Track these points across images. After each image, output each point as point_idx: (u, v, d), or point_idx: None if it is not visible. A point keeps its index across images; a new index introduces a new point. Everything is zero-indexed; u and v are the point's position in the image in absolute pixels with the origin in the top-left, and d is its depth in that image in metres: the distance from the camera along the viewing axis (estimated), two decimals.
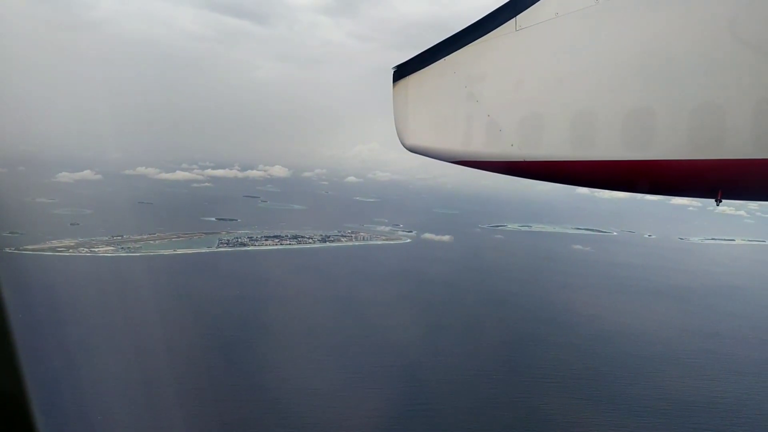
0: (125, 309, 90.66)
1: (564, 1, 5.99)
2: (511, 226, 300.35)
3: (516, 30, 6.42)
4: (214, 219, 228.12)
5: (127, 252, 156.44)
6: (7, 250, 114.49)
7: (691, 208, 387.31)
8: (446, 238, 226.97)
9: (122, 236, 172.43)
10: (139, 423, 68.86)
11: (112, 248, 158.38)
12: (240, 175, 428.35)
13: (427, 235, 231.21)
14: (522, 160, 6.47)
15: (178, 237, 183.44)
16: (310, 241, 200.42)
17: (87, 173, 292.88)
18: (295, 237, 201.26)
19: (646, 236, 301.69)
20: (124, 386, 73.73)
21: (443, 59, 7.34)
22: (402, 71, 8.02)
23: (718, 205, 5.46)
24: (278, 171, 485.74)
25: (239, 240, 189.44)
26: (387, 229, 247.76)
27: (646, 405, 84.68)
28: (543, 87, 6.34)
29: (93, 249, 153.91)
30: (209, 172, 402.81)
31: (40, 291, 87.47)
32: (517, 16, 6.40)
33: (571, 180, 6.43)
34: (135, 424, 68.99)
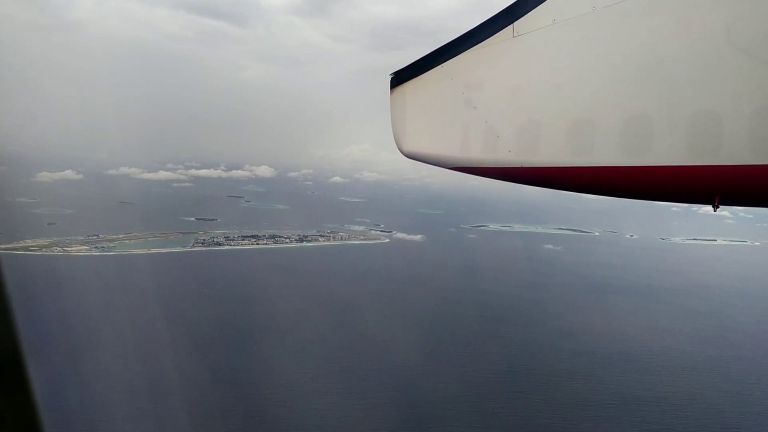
0: (84, 307, 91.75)
1: (561, 7, 6.01)
2: (493, 227, 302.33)
3: (513, 36, 6.45)
4: (193, 219, 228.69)
5: (100, 251, 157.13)
6: None
7: (674, 209, 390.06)
8: (417, 237, 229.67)
9: (98, 236, 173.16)
10: (100, 421, 69.94)
11: (86, 247, 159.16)
12: (224, 175, 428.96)
13: (400, 235, 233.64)
14: (519, 166, 6.47)
15: (155, 237, 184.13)
16: (287, 241, 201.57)
17: (68, 173, 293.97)
18: (272, 237, 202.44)
19: (628, 236, 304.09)
20: (80, 383, 74.71)
21: (441, 66, 7.32)
22: (399, 78, 7.99)
23: (715, 210, 5.35)
24: (264, 171, 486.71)
25: (215, 240, 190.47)
26: (367, 229, 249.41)
27: (593, 399, 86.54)
28: (540, 93, 6.35)
29: (66, 248, 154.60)
30: (193, 172, 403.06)
31: None
32: (515, 23, 6.43)
33: (568, 186, 6.43)
34: (96, 423, 69.97)
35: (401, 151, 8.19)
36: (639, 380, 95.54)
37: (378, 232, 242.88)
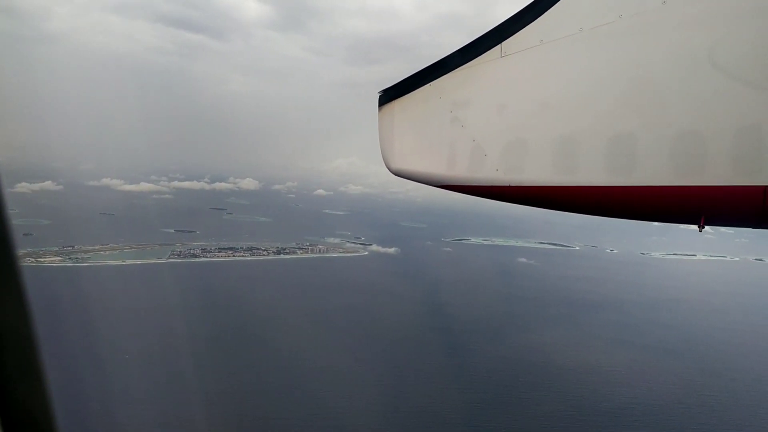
0: (42, 317, 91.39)
1: (549, 28, 6.09)
2: (474, 240, 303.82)
3: (501, 56, 6.53)
4: (172, 230, 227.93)
5: (73, 262, 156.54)
6: None
7: (656, 224, 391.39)
8: (392, 250, 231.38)
9: (73, 247, 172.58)
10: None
11: (59, 258, 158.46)
12: (207, 187, 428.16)
13: (375, 248, 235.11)
14: (507, 185, 6.52)
15: (131, 248, 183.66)
16: (265, 253, 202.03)
17: (48, 184, 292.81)
18: (249, 249, 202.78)
19: (608, 251, 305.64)
20: None
21: (429, 84, 7.35)
22: (388, 95, 8.00)
23: (700, 230, 5.46)
24: (248, 183, 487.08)
25: (191, 251, 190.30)
26: (343, 241, 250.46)
27: (552, 411, 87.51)
28: (528, 113, 6.43)
29: (39, 259, 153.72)
30: (176, 184, 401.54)
31: None
32: (503, 43, 6.50)
33: (555, 205, 6.46)
34: None
35: (389, 169, 8.16)
36: (599, 392, 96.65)
37: (356, 245, 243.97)
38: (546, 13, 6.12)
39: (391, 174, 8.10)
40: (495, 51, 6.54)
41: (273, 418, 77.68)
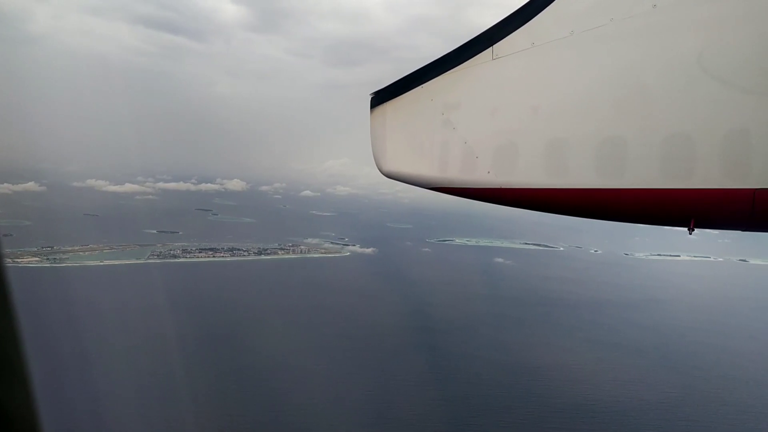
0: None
1: (540, 31, 6.10)
2: (459, 241, 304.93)
3: (493, 59, 6.55)
4: (155, 231, 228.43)
5: (51, 263, 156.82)
6: None
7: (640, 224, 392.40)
8: (369, 251, 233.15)
9: (52, 247, 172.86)
10: None
11: (37, 259, 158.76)
12: (193, 188, 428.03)
13: (352, 248, 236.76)
14: (498, 187, 6.55)
15: (111, 249, 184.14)
16: (246, 253, 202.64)
17: (31, 185, 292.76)
18: (230, 249, 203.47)
19: (592, 251, 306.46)
20: None
21: (421, 86, 7.37)
22: (379, 97, 8.02)
23: (690, 233, 5.47)
24: (235, 185, 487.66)
25: (171, 252, 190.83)
26: (328, 242, 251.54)
27: (512, 406, 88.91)
28: (519, 115, 6.44)
29: (16, 260, 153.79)
30: (161, 185, 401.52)
31: None
32: (494, 45, 6.52)
33: (546, 207, 6.45)
34: None
35: (381, 171, 8.19)
36: (562, 390, 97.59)
37: (337, 246, 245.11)
38: (537, 16, 6.19)
39: (382, 176, 8.17)
40: (487, 53, 6.61)
41: (251, 416, 78.44)
